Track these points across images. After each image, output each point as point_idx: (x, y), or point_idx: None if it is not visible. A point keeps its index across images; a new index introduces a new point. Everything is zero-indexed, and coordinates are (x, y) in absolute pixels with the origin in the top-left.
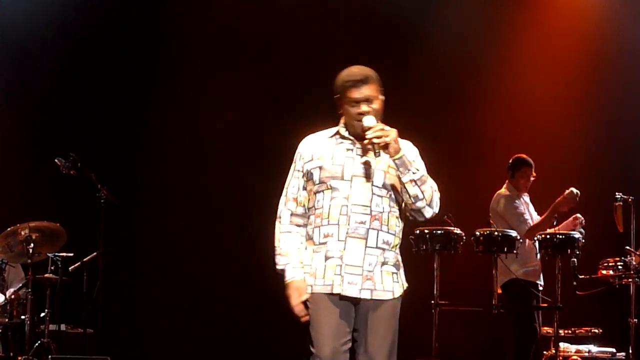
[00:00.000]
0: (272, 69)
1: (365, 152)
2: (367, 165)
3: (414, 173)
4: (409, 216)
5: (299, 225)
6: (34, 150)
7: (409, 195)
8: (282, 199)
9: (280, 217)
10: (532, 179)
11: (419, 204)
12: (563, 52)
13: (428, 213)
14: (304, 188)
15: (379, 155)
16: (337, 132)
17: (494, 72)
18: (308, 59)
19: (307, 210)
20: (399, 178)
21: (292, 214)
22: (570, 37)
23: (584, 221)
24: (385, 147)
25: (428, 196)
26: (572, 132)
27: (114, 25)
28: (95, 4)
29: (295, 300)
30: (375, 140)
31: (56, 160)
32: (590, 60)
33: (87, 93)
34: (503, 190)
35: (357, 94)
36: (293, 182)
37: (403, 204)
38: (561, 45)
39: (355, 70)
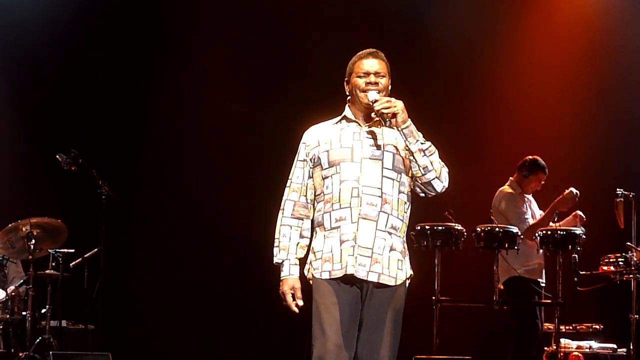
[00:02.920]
0: (273, 66)
1: (372, 133)
2: (376, 147)
3: (422, 143)
4: (420, 192)
5: (301, 217)
6: (35, 147)
7: (419, 166)
8: (286, 190)
9: (283, 208)
10: (542, 183)
11: (429, 175)
12: (564, 50)
13: (438, 186)
14: (310, 176)
15: (388, 125)
16: (343, 117)
17: (495, 70)
18: (308, 56)
19: (311, 201)
20: (408, 149)
21: (295, 205)
22: (571, 35)
23: (584, 218)
24: (394, 116)
25: (437, 168)
26: (574, 129)
27: (116, 22)
28: (96, 0)
29: (289, 299)
30: (383, 111)
31: (57, 157)
32: (591, 58)
33: (89, 89)
34: (506, 188)
35: (367, 65)
36: (297, 172)
37: (413, 184)
38: (562, 43)
39: (368, 49)
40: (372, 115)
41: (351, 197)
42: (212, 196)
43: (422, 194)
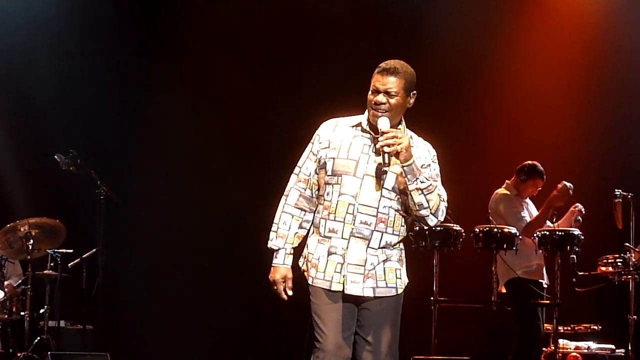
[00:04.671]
0: (273, 64)
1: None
2: (380, 165)
3: (421, 182)
4: (413, 220)
5: (304, 209)
6: (34, 147)
7: (414, 203)
8: (293, 177)
9: (287, 195)
10: (538, 189)
11: (422, 212)
12: (563, 50)
13: (431, 222)
14: (317, 172)
15: (388, 165)
16: (359, 124)
17: (494, 71)
18: (307, 55)
19: (316, 196)
20: (406, 185)
21: (300, 196)
22: (571, 36)
23: (583, 210)
24: (397, 154)
25: (433, 205)
26: (572, 129)
27: (116, 20)
28: (95, 1)
29: (280, 288)
30: (385, 149)
31: (56, 157)
32: (590, 58)
33: (88, 89)
34: (502, 190)
35: (379, 82)
36: (307, 164)
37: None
38: (561, 43)
39: (391, 61)
40: (377, 147)
41: (346, 213)
42: (212, 196)
43: (415, 222)
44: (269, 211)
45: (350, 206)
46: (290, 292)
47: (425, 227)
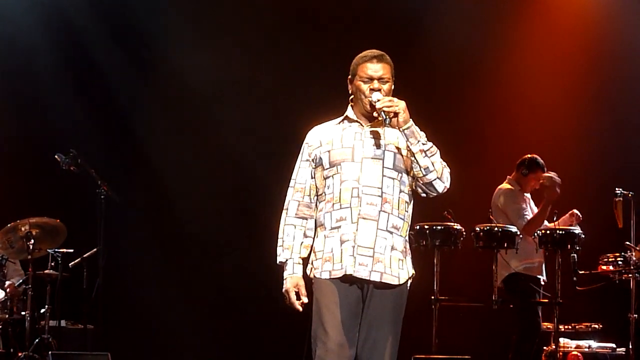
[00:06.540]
0: (272, 62)
1: (374, 133)
2: (377, 146)
3: (423, 144)
4: (422, 192)
5: (305, 217)
6: (34, 146)
7: (420, 167)
8: (290, 190)
9: (287, 209)
10: (540, 182)
11: (430, 176)
12: (564, 50)
13: (440, 187)
14: (312, 176)
15: (389, 123)
16: (345, 117)
17: (495, 71)
18: (306, 57)
19: (314, 201)
20: (409, 149)
21: (299, 204)
22: (571, 35)
23: (580, 217)
24: (395, 115)
25: (439, 168)
26: (573, 128)
27: (115, 20)
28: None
29: (293, 297)
30: (385, 109)
31: (56, 157)
32: (591, 58)
33: (88, 89)
34: (505, 185)
35: (371, 70)
36: (300, 173)
37: (414, 184)
38: (562, 43)
39: (374, 50)
40: (374, 114)
41: (351, 197)
42: (214, 194)
43: (424, 194)
44: (272, 213)
45: (354, 190)
46: (305, 300)
47: (434, 194)
